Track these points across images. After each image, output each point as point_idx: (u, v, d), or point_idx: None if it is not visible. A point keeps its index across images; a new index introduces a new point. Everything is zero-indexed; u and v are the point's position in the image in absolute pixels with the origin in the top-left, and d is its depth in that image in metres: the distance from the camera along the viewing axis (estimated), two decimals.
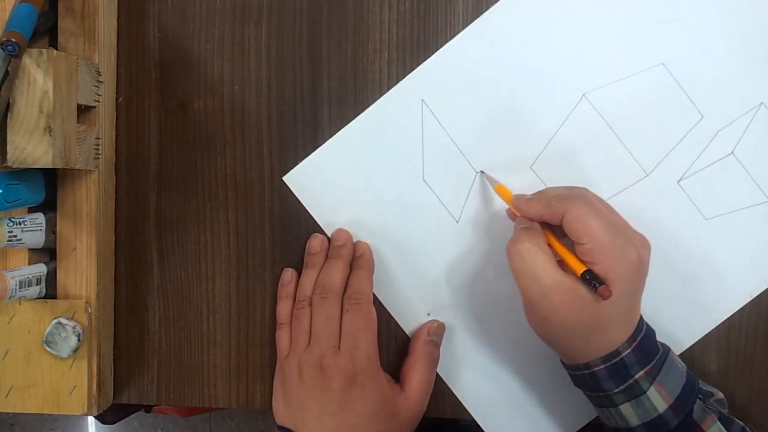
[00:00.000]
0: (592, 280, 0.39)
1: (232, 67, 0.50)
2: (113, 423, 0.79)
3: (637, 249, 0.40)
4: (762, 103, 0.47)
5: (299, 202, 0.50)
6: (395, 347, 0.51)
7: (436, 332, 0.49)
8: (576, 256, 0.41)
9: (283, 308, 0.49)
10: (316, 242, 0.49)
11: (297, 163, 0.50)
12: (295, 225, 0.51)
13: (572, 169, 0.48)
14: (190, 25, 0.51)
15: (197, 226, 0.51)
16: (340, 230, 0.50)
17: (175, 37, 0.51)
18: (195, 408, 1.00)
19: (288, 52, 0.50)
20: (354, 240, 0.50)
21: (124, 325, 0.52)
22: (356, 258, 0.49)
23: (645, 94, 0.48)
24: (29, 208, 0.48)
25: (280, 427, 0.47)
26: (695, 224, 0.48)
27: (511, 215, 0.47)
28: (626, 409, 0.41)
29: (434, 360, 0.49)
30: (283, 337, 0.48)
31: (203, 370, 0.52)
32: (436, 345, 0.49)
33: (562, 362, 0.45)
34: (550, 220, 0.42)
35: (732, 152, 0.47)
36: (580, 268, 0.40)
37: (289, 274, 0.50)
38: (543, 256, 0.40)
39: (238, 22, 0.50)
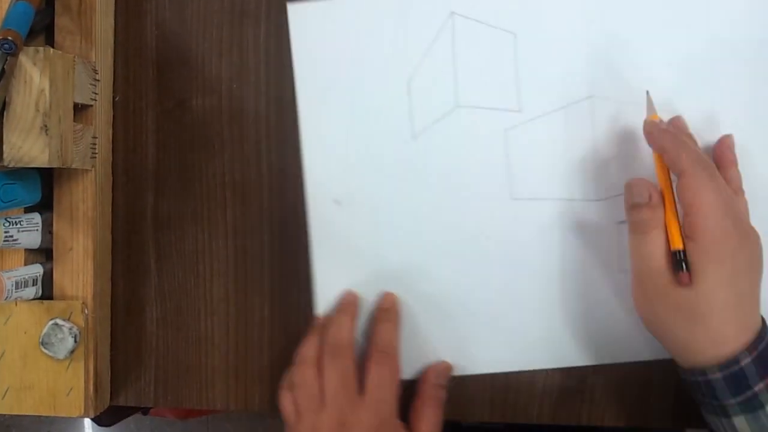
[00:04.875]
0: (680, 261, 0.38)
1: (231, 66, 0.50)
2: (110, 425, 0.78)
3: (747, 240, 0.38)
4: None
5: (297, 201, 0.50)
6: None
7: (443, 374, 0.48)
8: (681, 228, 0.39)
9: (300, 373, 0.47)
10: (323, 317, 0.49)
11: (295, 163, 0.50)
12: (293, 225, 0.50)
13: (538, 153, 0.48)
14: (188, 23, 0.50)
15: (195, 226, 0.51)
16: (348, 292, 0.49)
17: (173, 35, 0.50)
18: (192, 410, 0.99)
19: (287, 50, 0.50)
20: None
21: (121, 326, 0.52)
22: (385, 310, 0.48)
23: (639, 128, 0.46)
24: (25, 208, 0.47)
25: None
26: (608, 271, 0.47)
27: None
28: (740, 422, 0.39)
29: (442, 402, 0.48)
30: (289, 402, 0.46)
31: (201, 371, 0.51)
32: (444, 388, 0.48)
33: (677, 366, 0.43)
34: (667, 164, 0.41)
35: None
36: (675, 245, 0.38)
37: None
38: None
39: (237, 20, 0.50)
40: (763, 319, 0.40)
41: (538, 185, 0.48)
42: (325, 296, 0.50)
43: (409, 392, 0.48)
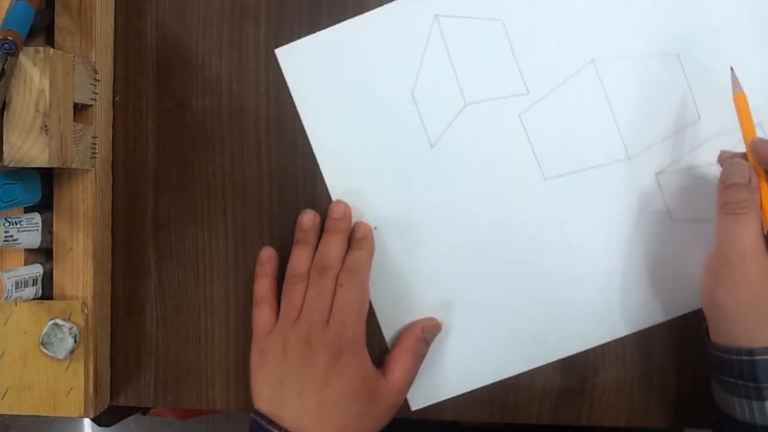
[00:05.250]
0: None
1: (231, 65, 0.50)
2: (110, 425, 0.78)
3: None
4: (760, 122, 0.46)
5: (297, 201, 0.50)
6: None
7: (430, 331, 0.49)
8: None
9: (263, 286, 0.49)
10: (307, 218, 0.49)
11: (295, 163, 0.50)
12: (293, 225, 0.50)
13: (558, 129, 0.48)
14: (188, 23, 0.50)
15: (195, 226, 0.51)
16: (339, 202, 0.49)
17: (173, 34, 0.50)
18: (192, 410, 0.99)
19: None
20: (354, 214, 0.49)
21: (121, 326, 0.52)
22: (357, 239, 0.48)
23: (651, 79, 0.47)
24: (25, 207, 0.47)
25: (255, 413, 0.46)
26: (660, 220, 0.48)
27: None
28: None
29: (422, 356, 0.48)
30: (262, 315, 0.48)
31: (201, 371, 0.51)
32: (427, 343, 0.49)
33: (709, 342, 0.42)
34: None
35: (717, 162, 0.46)
36: None
37: (268, 252, 0.49)
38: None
39: (237, 19, 0.50)
40: None
41: (566, 160, 0.48)
42: (389, 328, 0.50)
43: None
